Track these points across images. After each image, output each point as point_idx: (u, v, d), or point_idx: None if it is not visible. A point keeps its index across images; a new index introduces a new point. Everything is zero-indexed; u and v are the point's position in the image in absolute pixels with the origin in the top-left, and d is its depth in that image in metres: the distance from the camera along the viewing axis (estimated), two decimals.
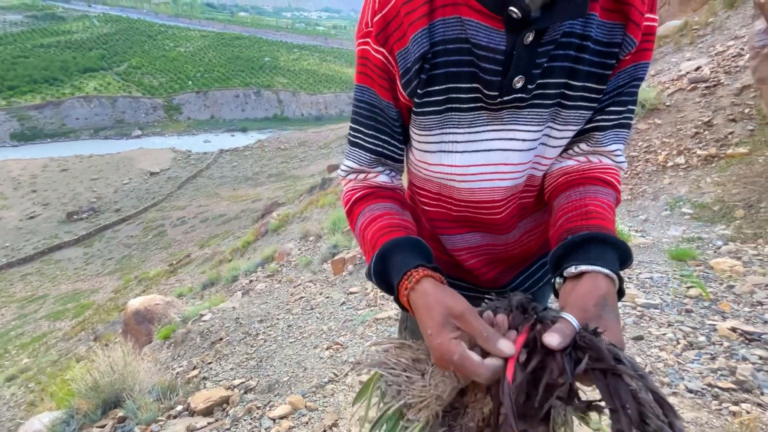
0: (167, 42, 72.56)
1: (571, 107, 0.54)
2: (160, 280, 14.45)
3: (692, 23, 7.33)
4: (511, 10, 0.46)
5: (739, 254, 2.43)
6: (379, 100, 0.57)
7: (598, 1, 0.49)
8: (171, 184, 32.81)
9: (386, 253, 0.52)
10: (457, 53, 0.51)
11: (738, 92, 4.43)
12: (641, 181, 4.25)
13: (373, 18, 0.53)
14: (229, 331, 3.54)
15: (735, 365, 1.25)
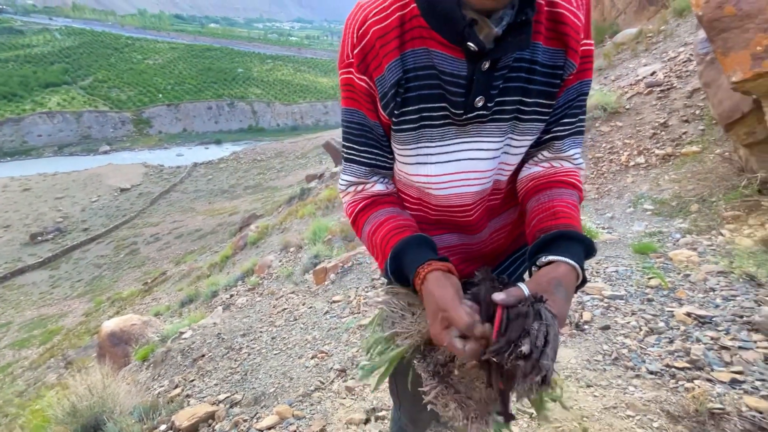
0: (135, 54, 70.72)
1: (527, 120, 0.63)
2: (135, 299, 13.93)
3: (647, 31, 7.80)
4: (469, 45, 0.54)
5: (695, 245, 2.61)
6: (368, 120, 0.65)
7: (541, 32, 0.58)
8: (143, 200, 31.75)
9: (399, 253, 0.61)
10: (427, 78, 0.59)
11: (689, 95, 4.75)
12: (606, 181, 4.48)
13: (353, 51, 0.60)
14: (211, 347, 3.49)
15: (689, 346, 1.36)
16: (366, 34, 0.59)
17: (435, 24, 0.56)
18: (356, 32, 0.60)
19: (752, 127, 2.76)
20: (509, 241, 0.79)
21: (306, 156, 36.78)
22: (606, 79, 7.00)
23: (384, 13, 0.58)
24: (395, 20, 0.58)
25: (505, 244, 0.79)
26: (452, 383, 0.58)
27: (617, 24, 9.58)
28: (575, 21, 0.58)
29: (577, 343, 1.64)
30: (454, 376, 0.59)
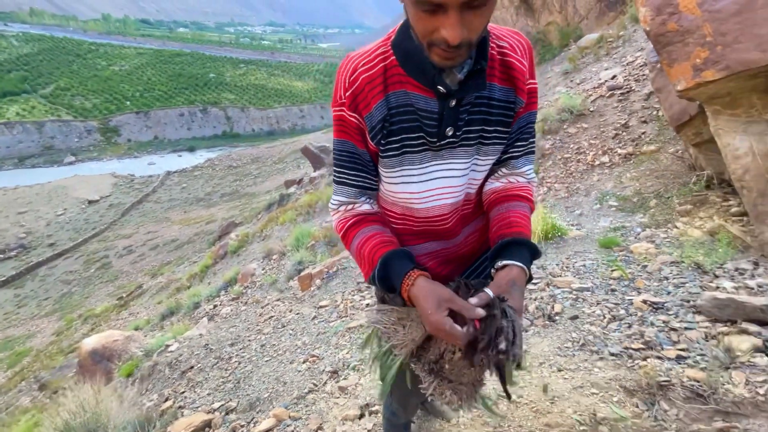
0: (99, 61, 68.08)
1: (489, 144, 0.78)
2: (110, 315, 13.45)
3: (607, 36, 8.25)
4: (439, 88, 0.68)
5: (653, 238, 2.86)
6: (357, 149, 0.78)
7: (496, 75, 0.73)
8: (113, 211, 30.62)
9: (386, 263, 0.74)
10: (406, 114, 0.73)
11: (646, 97, 5.09)
12: (575, 180, 4.75)
13: (345, 93, 0.74)
14: (200, 358, 3.50)
15: (644, 330, 1.55)
16: (356, 81, 0.72)
17: (411, 71, 0.70)
18: (348, 79, 0.73)
19: (699, 129, 3.04)
20: (479, 244, 0.94)
21: (283, 161, 36.41)
22: (572, 82, 7.38)
23: (370, 64, 0.72)
24: (380, 69, 0.72)
25: (476, 246, 0.93)
26: (445, 375, 0.72)
27: (580, 29, 10.07)
28: (521, 66, 0.74)
29: (549, 333, 1.80)
30: (446, 369, 0.72)
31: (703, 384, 1.14)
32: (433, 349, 0.74)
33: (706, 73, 2.27)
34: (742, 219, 2.72)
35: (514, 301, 0.65)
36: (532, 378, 1.51)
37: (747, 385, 1.09)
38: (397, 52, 0.71)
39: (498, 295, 0.65)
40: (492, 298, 0.64)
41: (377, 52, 0.73)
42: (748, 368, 1.16)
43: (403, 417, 1.24)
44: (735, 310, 1.40)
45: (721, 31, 2.20)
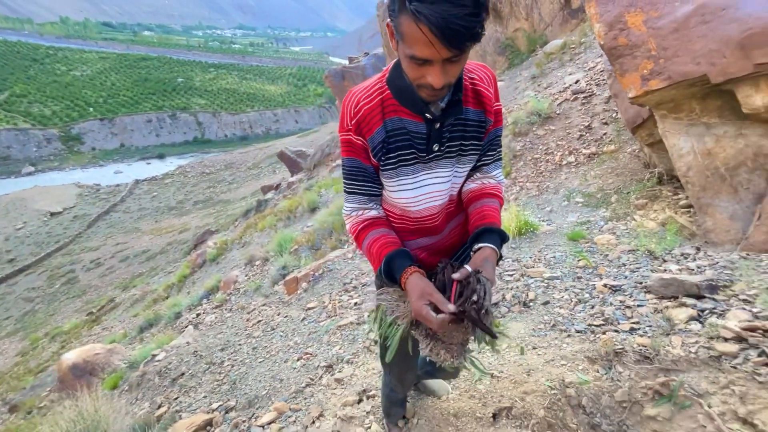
0: (58, 66, 64.85)
1: (467, 155, 0.97)
2: (81, 332, 12.90)
3: (570, 42, 8.74)
4: (427, 115, 0.89)
5: (614, 230, 3.15)
6: (363, 164, 0.97)
7: (470, 101, 0.93)
8: (78, 223, 29.26)
9: (390, 260, 0.94)
10: (401, 135, 0.93)
11: (606, 100, 5.49)
12: (545, 179, 5.06)
13: (351, 121, 0.93)
14: (190, 364, 3.53)
15: (604, 309, 1.78)
16: (360, 111, 0.92)
17: (403, 102, 0.90)
18: (353, 110, 0.93)
19: (651, 130, 3.37)
20: (461, 236, 1.14)
21: (258, 166, 35.90)
22: (539, 86, 7.78)
23: (370, 97, 0.93)
24: (378, 101, 0.92)
25: (458, 238, 1.13)
26: (439, 338, 0.91)
27: (545, 35, 10.59)
28: (488, 94, 0.95)
29: (524, 317, 2.01)
30: (439, 333, 0.90)
31: (649, 348, 1.36)
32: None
33: (652, 83, 2.57)
34: (689, 210, 3.05)
35: (487, 273, 0.86)
36: (511, 356, 1.71)
37: (683, 347, 1.32)
38: (391, 87, 0.91)
39: (474, 269, 0.86)
40: (469, 272, 0.85)
41: (375, 87, 0.93)
42: (684, 333, 1.39)
43: (400, 392, 1.41)
44: (677, 287, 1.65)
45: (663, 46, 2.50)
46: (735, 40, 2.15)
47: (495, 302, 2.28)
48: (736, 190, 2.51)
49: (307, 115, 66.62)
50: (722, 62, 2.22)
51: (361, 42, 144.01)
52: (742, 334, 1.22)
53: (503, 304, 2.17)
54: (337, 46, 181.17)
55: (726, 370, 1.16)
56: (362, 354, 2.39)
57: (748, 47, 2.11)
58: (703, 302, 1.54)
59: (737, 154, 2.49)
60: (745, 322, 1.27)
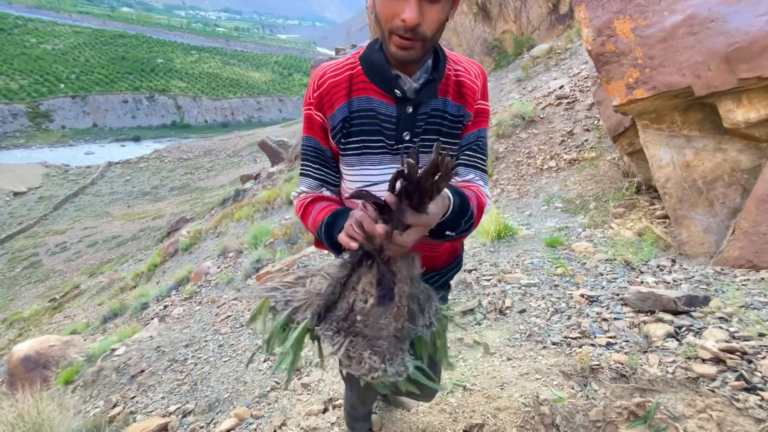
0: (28, 38, 61.28)
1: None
2: (41, 319, 12.26)
3: (556, 48, 8.82)
4: (396, 92, 0.79)
5: (591, 238, 3.15)
6: (320, 145, 0.87)
7: (450, 93, 0.84)
8: (44, 204, 27.85)
9: (333, 219, 0.78)
10: (367, 118, 0.82)
11: (589, 107, 5.53)
12: (525, 182, 5.07)
13: (313, 94, 0.83)
14: (151, 361, 3.35)
15: (581, 321, 1.74)
16: (323, 84, 0.82)
17: (373, 78, 0.80)
18: (317, 82, 0.83)
19: (632, 140, 3.38)
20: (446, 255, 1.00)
21: (238, 155, 35.01)
22: (524, 89, 7.81)
23: (338, 71, 0.82)
24: (346, 76, 0.82)
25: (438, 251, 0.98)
26: (359, 331, 0.59)
27: (533, 39, 10.65)
28: (472, 86, 0.85)
29: (500, 325, 1.95)
30: (358, 323, 0.59)
31: (625, 366, 1.32)
32: (341, 303, 0.62)
33: (637, 92, 2.55)
34: (665, 221, 3.08)
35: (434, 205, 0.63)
36: (484, 367, 1.64)
37: (660, 366, 1.28)
38: (363, 62, 0.81)
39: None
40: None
41: (346, 62, 0.83)
42: (661, 351, 1.36)
43: (361, 410, 1.31)
44: (654, 302, 1.62)
45: (650, 55, 2.48)
46: (721, 53, 2.14)
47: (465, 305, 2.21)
48: (711, 204, 2.53)
49: (291, 104, 65.44)
50: (707, 75, 2.22)
51: (350, 34, 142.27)
52: (719, 355, 1.18)
53: (479, 310, 2.11)
54: (325, 37, 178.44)
55: (704, 393, 1.12)
56: (333, 357, 2.29)
57: (734, 61, 2.10)
58: (680, 318, 1.51)
59: (715, 168, 2.51)
60: (723, 342, 1.24)
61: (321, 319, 0.61)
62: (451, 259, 1.03)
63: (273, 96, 66.05)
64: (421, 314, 0.64)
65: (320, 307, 0.61)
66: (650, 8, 2.49)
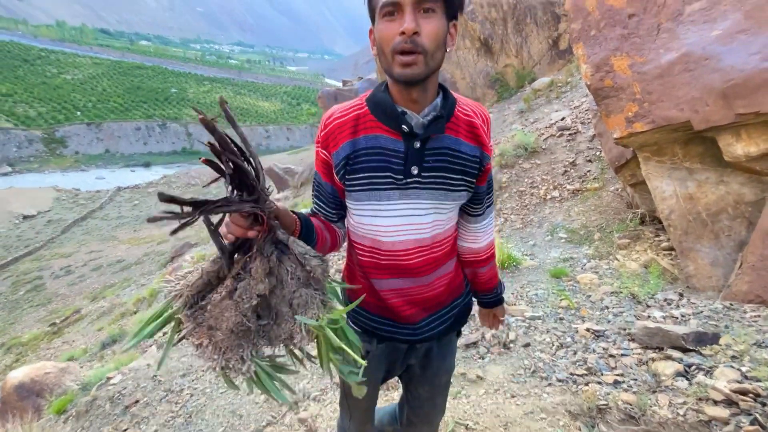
0: (49, 68, 64.10)
1: (455, 190, 0.89)
2: (39, 344, 12.10)
3: (557, 81, 9.06)
4: (403, 127, 0.81)
5: (597, 269, 3.11)
6: (322, 180, 0.92)
7: (461, 133, 0.86)
8: (52, 228, 28.16)
9: None
10: (375, 154, 0.84)
11: (591, 139, 5.61)
12: (529, 212, 5.07)
13: (321, 134, 0.88)
14: (146, 391, 3.27)
15: (587, 356, 1.68)
16: (330, 125, 0.87)
17: (379, 116, 0.83)
18: (324, 122, 0.88)
19: (634, 171, 3.40)
20: (449, 290, 1.01)
21: None
22: (527, 121, 7.96)
23: (345, 112, 0.87)
24: (352, 117, 0.86)
25: (445, 292, 1.00)
26: (204, 320, 0.64)
27: (534, 72, 10.97)
28: (482, 130, 0.89)
29: (504, 360, 1.90)
30: (207, 312, 0.64)
31: (634, 406, 1.27)
32: (208, 295, 0.67)
33: (636, 125, 2.60)
34: (671, 253, 3.04)
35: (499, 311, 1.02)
36: (488, 405, 1.58)
37: (670, 407, 1.23)
38: (369, 103, 0.86)
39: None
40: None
41: (354, 105, 0.88)
42: (671, 391, 1.31)
43: None
44: (662, 338, 1.58)
45: (648, 90, 2.54)
46: (717, 90, 2.19)
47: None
48: (717, 236, 2.51)
49: (299, 132, 66.99)
50: (705, 110, 2.25)
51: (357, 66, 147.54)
52: (732, 396, 1.13)
53: (482, 343, 2.06)
54: (333, 69, 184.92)
55: None
56: (331, 391, 2.22)
57: (731, 97, 2.14)
58: (690, 356, 1.47)
59: (718, 200, 2.50)
60: (735, 383, 1.20)
61: (190, 306, 0.66)
62: (457, 292, 1.03)
63: (281, 124, 67.80)
64: (291, 319, 0.65)
65: (189, 297, 0.66)
66: (646, 46, 2.57)
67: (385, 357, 1.03)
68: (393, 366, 1.06)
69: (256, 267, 0.65)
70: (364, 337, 1.00)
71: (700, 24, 2.33)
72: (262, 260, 0.66)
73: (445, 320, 1.02)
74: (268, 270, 0.65)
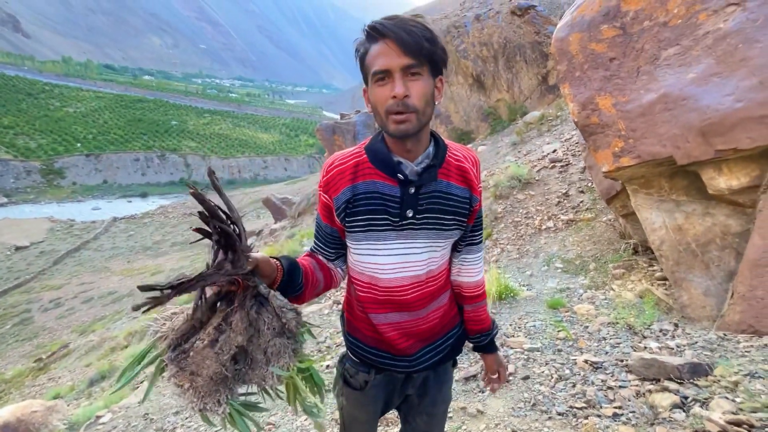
0: (52, 101, 65.55)
1: (447, 229, 0.95)
2: (24, 381, 11.65)
3: (548, 114, 9.40)
4: (399, 175, 0.89)
5: (593, 300, 3.14)
6: (322, 222, 1.00)
7: (452, 177, 0.93)
8: (44, 259, 27.81)
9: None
10: (373, 198, 0.92)
11: (582, 170, 5.77)
12: (525, 242, 5.13)
13: (323, 179, 0.96)
14: (138, 430, 3.16)
15: (586, 389, 1.69)
16: (331, 171, 0.95)
17: (377, 165, 0.92)
18: (326, 169, 0.97)
19: (625, 202, 3.50)
20: (443, 323, 1.06)
21: (242, 210, 35.62)
22: (520, 153, 8.20)
23: (345, 160, 0.95)
24: (351, 164, 0.94)
25: (439, 324, 1.05)
26: (187, 365, 0.69)
27: (525, 106, 11.39)
28: (472, 173, 0.97)
29: (503, 393, 1.90)
30: (189, 358, 0.69)
31: None
32: (192, 340, 0.72)
33: (623, 160, 2.72)
34: (664, 283, 3.08)
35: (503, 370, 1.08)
36: None
37: None
38: (368, 152, 0.94)
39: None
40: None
41: (353, 152, 0.96)
42: (669, 423, 1.32)
43: None
44: (658, 369, 1.60)
45: (632, 128, 2.68)
46: (696, 128, 2.32)
47: None
48: (708, 267, 2.57)
49: (297, 163, 67.97)
50: (686, 146, 2.38)
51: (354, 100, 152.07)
52: (727, 428, 1.15)
53: (482, 377, 2.05)
54: (331, 102, 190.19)
55: None
56: (329, 428, 2.18)
57: (709, 134, 2.28)
58: (686, 387, 1.49)
59: (706, 231, 2.59)
60: (729, 414, 1.22)
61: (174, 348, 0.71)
62: (452, 324, 1.07)
63: (279, 155, 68.89)
64: (266, 365, 0.72)
65: (174, 340, 0.71)
66: (628, 87, 2.74)
67: (383, 387, 1.06)
68: (391, 397, 1.09)
69: (237, 321, 0.71)
70: (363, 367, 1.05)
71: (675, 67, 2.50)
72: (242, 314, 0.73)
73: (440, 351, 1.06)
74: (247, 323, 0.72)
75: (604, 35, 2.86)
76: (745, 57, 2.25)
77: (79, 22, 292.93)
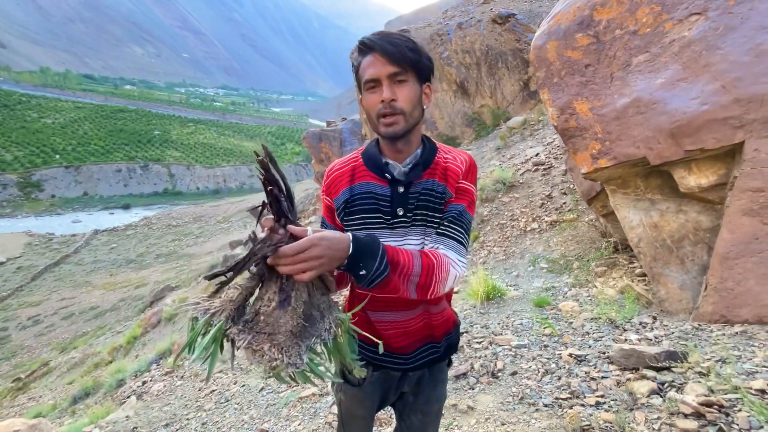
0: (29, 113, 63.83)
1: (435, 227, 0.99)
2: (2, 402, 11.23)
3: (530, 119, 9.64)
4: (386, 175, 0.97)
5: (577, 297, 3.24)
6: (326, 223, 1.06)
7: (437, 175, 0.99)
8: (21, 275, 26.86)
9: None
10: (367, 198, 0.98)
11: (564, 173, 5.94)
12: (511, 244, 5.25)
13: (324, 182, 1.05)
14: None
15: (570, 381, 1.76)
16: (331, 175, 1.04)
17: (370, 167, 1.00)
18: (327, 173, 1.05)
19: (605, 202, 3.63)
20: (438, 322, 1.08)
21: (229, 220, 35.16)
22: (504, 157, 8.38)
23: (343, 165, 1.04)
24: (349, 168, 1.02)
25: (435, 323, 1.08)
26: (261, 329, 0.71)
27: (508, 112, 11.65)
28: (456, 169, 1.01)
29: (493, 389, 1.95)
30: (261, 322, 0.72)
31: (614, 425, 1.34)
32: (249, 309, 0.76)
33: (600, 161, 2.84)
34: (644, 279, 3.21)
35: None
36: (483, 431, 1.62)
37: (646, 423, 1.31)
38: (363, 156, 1.03)
39: None
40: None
41: (351, 158, 1.05)
42: (647, 408, 1.39)
43: None
44: (637, 359, 1.68)
45: (608, 131, 2.81)
46: (666, 130, 2.45)
47: None
48: (683, 261, 2.69)
49: (284, 171, 67.41)
50: (658, 147, 2.51)
51: (340, 107, 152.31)
52: (699, 409, 1.23)
53: (471, 374, 2.11)
54: (317, 110, 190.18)
55: None
56: (323, 431, 2.20)
57: (678, 136, 2.40)
58: (663, 374, 1.57)
59: (680, 228, 2.71)
60: (702, 396, 1.29)
61: (233, 322, 0.73)
62: (447, 323, 1.12)
63: None
64: (322, 320, 0.79)
65: (232, 312, 0.73)
66: (602, 92, 2.87)
67: (379, 384, 1.10)
68: (387, 393, 1.13)
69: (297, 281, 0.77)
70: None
71: (646, 73, 2.64)
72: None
73: (435, 350, 1.10)
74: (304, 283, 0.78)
75: (579, 43, 2.99)
76: (708, 63, 2.39)
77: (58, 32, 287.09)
